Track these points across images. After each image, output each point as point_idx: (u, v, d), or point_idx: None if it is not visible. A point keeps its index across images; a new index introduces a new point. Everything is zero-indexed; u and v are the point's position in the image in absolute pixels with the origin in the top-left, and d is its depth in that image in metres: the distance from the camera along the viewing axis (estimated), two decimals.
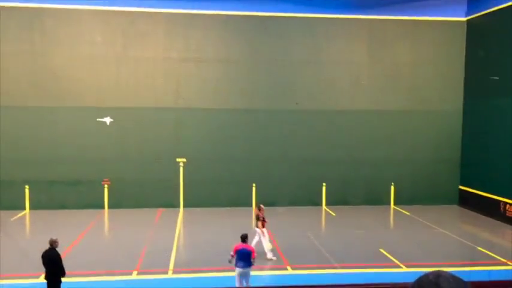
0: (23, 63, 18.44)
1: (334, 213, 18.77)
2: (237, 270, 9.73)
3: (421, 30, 20.14)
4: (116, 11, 18.83)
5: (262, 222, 12.81)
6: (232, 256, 9.75)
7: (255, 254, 9.92)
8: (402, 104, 20.14)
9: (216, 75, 19.51)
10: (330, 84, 19.94)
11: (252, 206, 19.52)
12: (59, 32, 18.60)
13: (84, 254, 13.01)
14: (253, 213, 18.76)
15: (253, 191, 19.57)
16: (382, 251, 13.54)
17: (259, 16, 19.41)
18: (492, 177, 18.13)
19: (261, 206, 13.22)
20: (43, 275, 9.51)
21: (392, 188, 20.11)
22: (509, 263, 12.67)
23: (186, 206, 19.29)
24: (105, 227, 17.63)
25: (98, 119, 18.86)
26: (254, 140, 19.59)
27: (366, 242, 14.70)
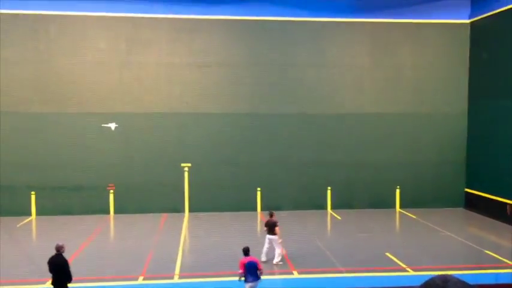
0: (27, 70, 18.55)
1: (339, 217, 18.72)
2: (248, 285, 9.50)
3: (424, 32, 20.12)
4: (119, 17, 18.93)
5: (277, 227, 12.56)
6: (242, 273, 9.51)
7: (261, 265, 9.81)
8: (406, 107, 20.10)
9: (219, 80, 19.56)
10: (333, 87, 19.94)
11: (256, 210, 19.51)
12: (63, 39, 18.71)
13: (90, 259, 13.02)
14: (258, 218, 18.77)
15: (258, 195, 19.57)
16: (388, 254, 13.49)
17: (262, 20, 19.47)
18: (498, 179, 18.04)
19: (273, 212, 13.04)
20: (50, 281, 9.53)
21: (397, 191, 20.06)
22: None
23: (191, 211, 19.31)
24: (111, 232, 17.64)
25: (102, 125, 18.93)
26: (258, 144, 19.59)
27: (372, 245, 14.64)
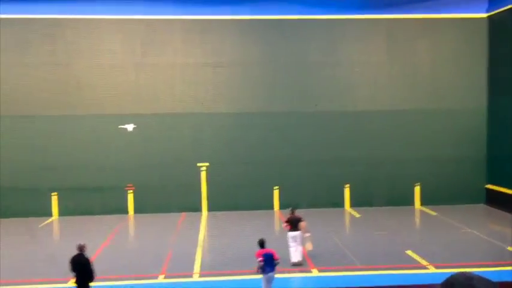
0: (45, 74, 18.82)
1: (358, 215, 18.59)
2: (266, 276, 9.60)
3: (441, 28, 19.87)
4: (134, 19, 19.10)
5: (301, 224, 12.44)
6: (261, 261, 9.55)
7: (277, 256, 9.86)
8: (423, 103, 19.86)
9: (233, 79, 19.60)
10: (349, 85, 19.82)
11: (274, 208, 19.50)
12: (80, 42, 18.95)
13: (111, 258, 13.17)
14: (276, 216, 18.75)
15: (275, 194, 19.54)
16: (408, 252, 13.34)
17: (275, 19, 19.44)
18: None
19: (294, 209, 12.89)
20: (72, 280, 9.66)
21: (417, 188, 19.83)
22: None
23: (208, 210, 19.39)
24: (130, 231, 17.82)
25: (119, 126, 19.14)
26: (274, 143, 19.58)
27: (392, 243, 14.50)
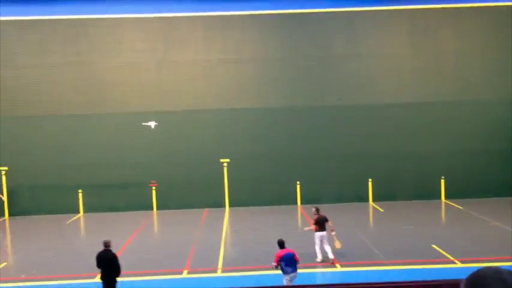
0: (69, 73, 19.19)
1: (381, 209, 18.38)
2: (287, 276, 9.60)
3: (465, 17, 19.41)
4: (155, 17, 19.27)
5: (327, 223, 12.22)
6: (276, 266, 9.62)
7: (298, 256, 9.81)
8: (448, 95, 19.45)
9: (255, 75, 19.58)
10: (372, 78, 19.56)
11: (297, 203, 19.45)
12: (103, 41, 19.23)
13: (136, 254, 13.37)
14: (299, 211, 18.71)
15: (298, 189, 19.48)
16: (434, 246, 13.12)
17: (296, 13, 19.30)
18: None
19: (319, 209, 12.56)
20: (99, 276, 9.86)
21: (442, 182, 19.45)
22: None
23: (231, 206, 19.47)
24: (154, 227, 18.07)
25: (142, 124, 19.37)
26: (297, 138, 19.49)
27: (417, 237, 14.28)
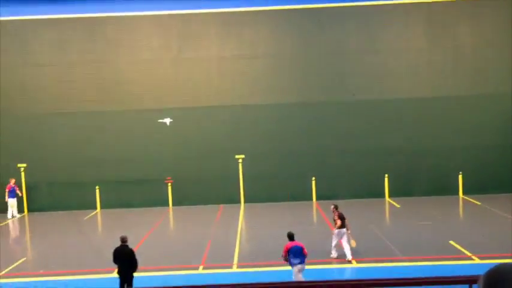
0: (87, 71, 19.42)
1: (398, 205, 18.21)
2: (295, 268, 9.78)
3: (483, 10, 19.04)
4: (170, 14, 19.36)
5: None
6: (284, 257, 9.85)
7: (306, 250, 9.90)
8: (465, 89, 19.15)
9: (270, 71, 19.55)
10: (388, 72, 19.35)
11: (312, 199, 19.39)
12: (119, 39, 19.40)
13: (152, 249, 13.51)
14: (314, 207, 18.66)
15: (313, 185, 19.43)
16: (452, 242, 12.96)
17: (311, 8, 19.18)
18: None
19: (337, 205, 12.36)
20: (116, 270, 9.99)
21: (460, 177, 19.18)
22: None
23: (246, 202, 19.52)
24: (170, 223, 18.22)
25: (158, 120, 19.52)
26: (312, 133, 19.42)
27: (434, 233, 14.13)
